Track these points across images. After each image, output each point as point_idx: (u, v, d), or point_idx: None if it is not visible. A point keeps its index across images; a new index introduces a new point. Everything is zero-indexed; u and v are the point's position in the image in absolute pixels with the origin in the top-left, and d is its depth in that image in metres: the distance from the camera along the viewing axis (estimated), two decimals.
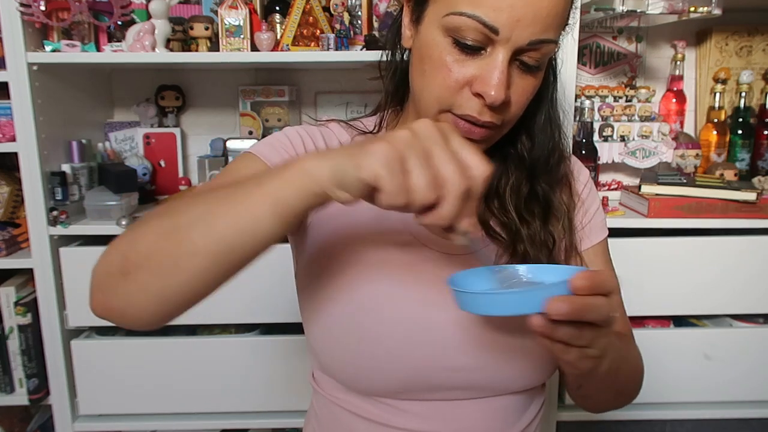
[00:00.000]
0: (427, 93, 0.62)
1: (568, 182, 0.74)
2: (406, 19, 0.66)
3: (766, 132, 1.45)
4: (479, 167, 0.47)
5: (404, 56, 0.72)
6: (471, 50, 0.58)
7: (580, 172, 0.77)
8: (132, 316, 0.53)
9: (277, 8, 1.37)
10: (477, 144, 0.63)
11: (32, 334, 1.34)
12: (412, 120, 0.70)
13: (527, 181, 0.71)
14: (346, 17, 1.33)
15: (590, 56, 1.56)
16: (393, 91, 0.74)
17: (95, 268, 0.54)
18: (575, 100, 1.29)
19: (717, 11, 1.26)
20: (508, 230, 0.69)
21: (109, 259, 0.53)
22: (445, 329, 0.65)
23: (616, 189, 1.51)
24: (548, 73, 0.68)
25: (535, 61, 0.59)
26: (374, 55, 1.26)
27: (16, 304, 1.33)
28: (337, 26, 1.32)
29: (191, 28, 1.33)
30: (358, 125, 0.75)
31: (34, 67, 1.23)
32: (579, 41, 1.23)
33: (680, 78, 1.50)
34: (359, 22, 1.39)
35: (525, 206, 0.70)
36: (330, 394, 0.72)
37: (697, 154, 1.44)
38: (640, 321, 1.38)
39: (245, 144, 1.42)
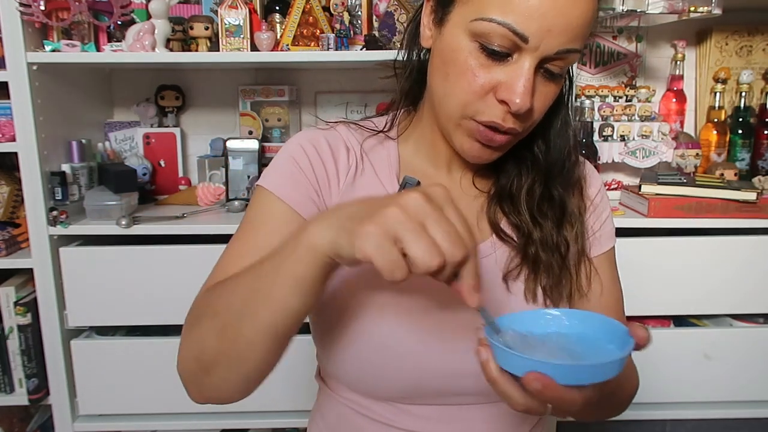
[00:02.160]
0: (451, 98, 0.61)
1: (580, 186, 0.73)
2: (426, 19, 0.65)
3: (766, 132, 1.45)
4: (469, 239, 0.46)
5: (421, 56, 0.70)
6: (497, 56, 0.57)
7: (593, 177, 0.77)
8: (227, 399, 0.59)
9: (277, 8, 1.37)
10: (497, 151, 0.63)
11: (32, 334, 1.34)
12: (428, 124, 0.70)
13: (541, 184, 0.70)
14: (346, 17, 1.33)
15: (590, 56, 1.56)
16: (407, 91, 0.72)
17: (179, 368, 0.60)
18: (575, 100, 1.29)
19: (717, 11, 1.26)
20: (520, 232, 0.69)
21: (186, 361, 0.59)
22: (452, 336, 0.65)
23: (616, 189, 1.51)
24: (565, 78, 0.68)
25: (559, 69, 0.59)
26: (374, 55, 1.27)
27: (16, 304, 1.33)
28: (337, 26, 1.32)
29: (191, 28, 1.33)
30: (368, 125, 0.73)
31: (34, 67, 1.23)
32: None
33: (680, 78, 1.50)
34: (359, 21, 1.39)
35: (538, 209, 0.70)
36: (337, 393, 0.72)
37: (697, 154, 1.44)
38: (640, 321, 1.38)
39: (245, 144, 1.42)
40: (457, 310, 0.65)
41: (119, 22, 1.32)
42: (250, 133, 1.54)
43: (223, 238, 1.24)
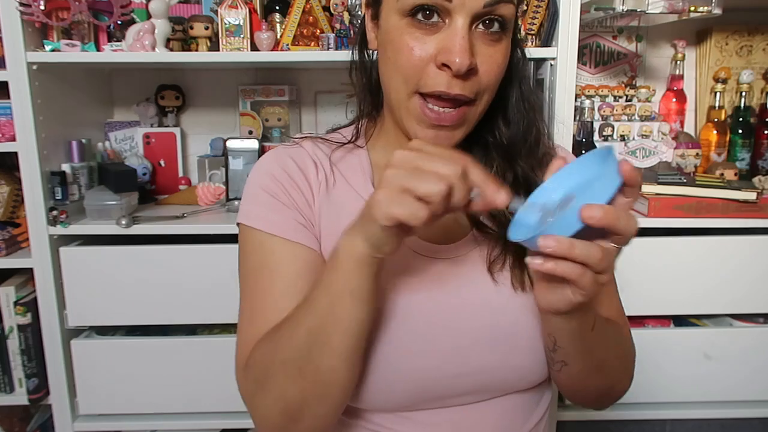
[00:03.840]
0: (394, 78, 0.62)
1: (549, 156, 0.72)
2: (369, 24, 0.67)
3: (766, 131, 1.45)
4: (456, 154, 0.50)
5: (373, 59, 0.71)
6: (429, 26, 0.58)
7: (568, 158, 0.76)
8: None
9: (277, 8, 1.37)
10: (454, 130, 0.63)
11: (32, 334, 1.34)
12: (390, 125, 0.70)
13: (511, 168, 0.70)
14: (346, 17, 1.33)
15: (590, 56, 1.56)
16: (369, 100, 0.73)
17: (258, 425, 0.61)
18: (575, 100, 1.29)
19: (717, 11, 1.26)
20: (497, 222, 0.68)
21: (270, 420, 0.59)
22: (450, 336, 0.65)
23: None
24: (514, 51, 0.68)
25: (496, 25, 0.59)
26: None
27: (16, 303, 1.33)
28: (337, 26, 1.32)
29: (191, 28, 1.33)
30: (336, 137, 0.73)
31: (34, 67, 1.23)
32: (579, 41, 1.23)
33: (680, 77, 1.50)
34: (359, 21, 1.39)
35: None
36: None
37: (697, 154, 1.44)
38: (640, 321, 1.38)
39: (245, 144, 1.42)
40: (456, 311, 0.66)
41: (119, 22, 1.32)
42: (250, 132, 1.54)
43: (223, 238, 1.26)
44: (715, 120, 1.49)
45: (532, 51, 1.28)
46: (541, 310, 0.58)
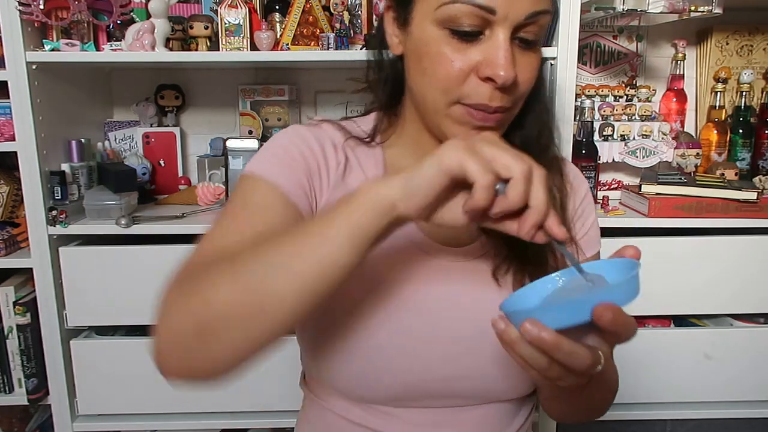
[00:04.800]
0: (432, 89, 0.60)
1: (560, 168, 0.72)
2: (390, 28, 0.66)
3: (766, 131, 1.45)
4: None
5: (393, 64, 0.70)
6: (470, 37, 0.57)
7: (579, 182, 0.76)
8: (215, 372, 0.52)
9: (277, 7, 1.37)
10: (493, 131, 0.62)
11: (31, 334, 1.34)
12: (411, 127, 0.69)
13: None
14: (346, 16, 1.33)
15: (590, 55, 1.56)
16: (386, 102, 0.73)
17: (160, 336, 0.52)
18: (575, 100, 1.28)
19: (717, 10, 1.26)
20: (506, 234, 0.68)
21: (178, 323, 0.50)
22: (447, 340, 0.65)
23: (616, 188, 1.50)
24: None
25: (533, 35, 0.59)
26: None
27: (16, 303, 1.33)
28: (337, 25, 1.32)
29: (191, 27, 1.33)
30: (353, 127, 0.73)
31: (34, 66, 1.23)
32: (579, 40, 1.23)
33: (681, 77, 1.50)
34: (359, 21, 1.38)
35: None
36: (323, 399, 0.71)
37: (698, 154, 1.44)
38: (640, 321, 1.38)
39: (245, 143, 1.42)
40: (452, 313, 0.65)
41: (119, 22, 1.32)
42: (250, 132, 1.54)
43: None
44: (716, 120, 1.49)
45: None
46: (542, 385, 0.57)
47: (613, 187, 1.51)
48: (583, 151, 1.36)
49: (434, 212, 0.50)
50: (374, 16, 1.39)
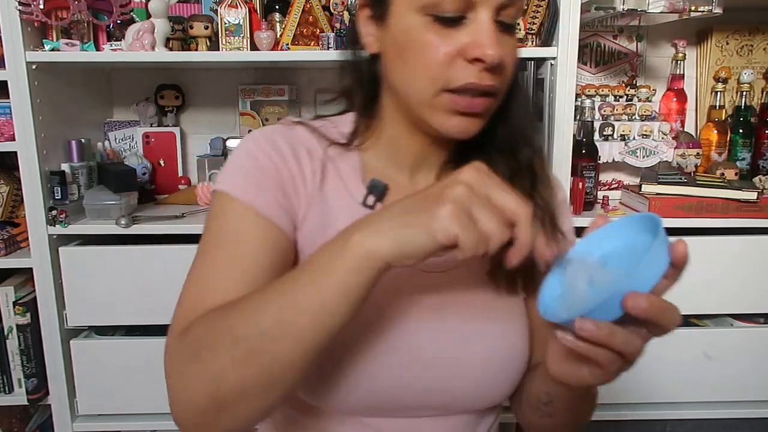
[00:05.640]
0: (418, 79, 0.59)
1: (543, 156, 0.72)
2: (364, 27, 0.65)
3: (766, 131, 1.44)
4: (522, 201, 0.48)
5: (369, 64, 0.68)
6: (453, 22, 0.57)
7: (558, 189, 0.75)
8: (242, 431, 0.54)
9: (277, 7, 1.37)
10: (479, 119, 0.62)
11: (31, 334, 1.34)
12: (391, 129, 0.68)
13: (507, 166, 0.68)
14: (346, 16, 1.33)
15: (591, 55, 1.56)
16: (364, 104, 0.70)
17: (177, 405, 0.54)
18: (575, 100, 1.28)
19: (717, 10, 1.26)
20: None
21: (192, 398, 0.52)
22: (413, 350, 0.64)
23: (616, 188, 1.50)
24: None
25: (512, 18, 0.59)
26: None
27: (15, 303, 1.33)
28: (337, 25, 1.32)
29: (191, 27, 1.33)
30: (328, 128, 0.70)
31: (34, 66, 1.23)
32: (579, 40, 1.23)
33: (681, 77, 1.50)
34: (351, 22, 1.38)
35: (511, 186, 0.69)
36: (289, 408, 0.70)
37: (698, 154, 1.44)
38: None
39: None
40: (419, 325, 0.64)
41: (119, 21, 1.32)
42: (250, 132, 1.54)
43: None
44: (716, 119, 1.49)
45: (532, 51, 1.28)
46: (550, 376, 0.55)
47: (613, 186, 1.51)
48: (583, 151, 1.36)
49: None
50: None
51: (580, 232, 0.74)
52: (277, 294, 0.50)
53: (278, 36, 1.32)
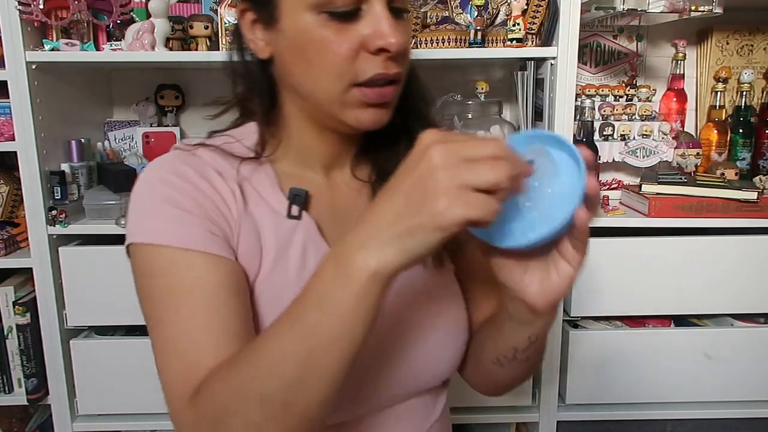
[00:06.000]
0: (324, 77, 0.58)
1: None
2: (250, 33, 0.63)
3: (766, 131, 1.44)
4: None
5: (262, 70, 0.66)
6: (348, 15, 0.57)
7: None
8: None
9: None
10: (389, 109, 0.62)
11: (31, 334, 1.34)
12: (297, 134, 0.66)
13: (409, 139, 0.67)
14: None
15: (590, 55, 1.56)
16: (266, 110, 0.68)
17: None
18: (575, 100, 1.28)
19: (718, 10, 1.26)
20: None
21: None
22: (371, 345, 0.63)
23: (616, 188, 1.50)
24: None
25: (402, 3, 0.60)
26: None
27: (15, 303, 1.33)
28: None
29: (191, 27, 1.32)
30: (233, 146, 0.65)
31: (33, 66, 1.23)
32: (579, 40, 1.23)
33: (681, 77, 1.50)
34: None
35: None
36: None
37: (698, 153, 1.44)
38: (640, 321, 1.38)
39: None
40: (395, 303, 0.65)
41: (118, 21, 1.32)
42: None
43: None
44: (716, 119, 1.49)
45: (532, 51, 1.28)
46: (538, 309, 0.54)
47: (613, 186, 1.51)
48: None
49: None
50: None
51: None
52: (292, 341, 0.47)
53: None
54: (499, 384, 0.72)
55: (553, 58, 1.25)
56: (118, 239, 1.29)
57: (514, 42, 1.27)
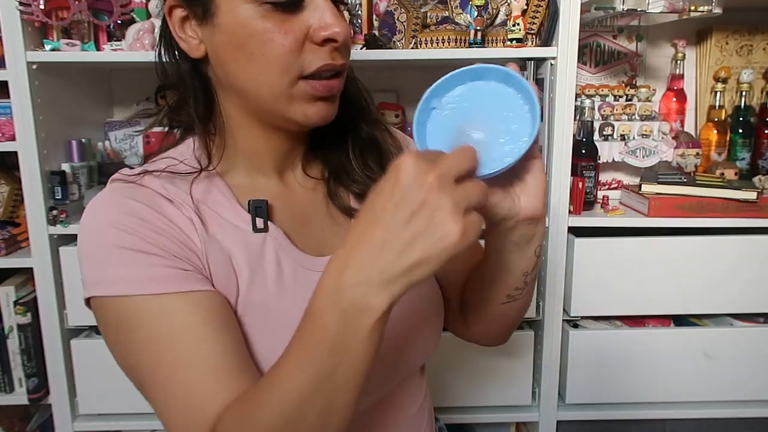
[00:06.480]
0: (269, 72, 0.56)
1: (384, 127, 0.72)
2: (181, 31, 0.59)
3: (766, 131, 1.45)
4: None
5: (194, 71, 0.63)
6: (291, 6, 0.55)
7: (411, 145, 0.75)
8: None
9: None
10: (336, 101, 0.61)
11: (32, 334, 1.34)
12: (241, 138, 0.63)
13: (355, 135, 0.69)
14: (346, 16, 1.33)
15: (590, 55, 1.56)
16: (204, 118, 0.64)
17: None
18: (575, 100, 1.28)
19: (717, 10, 1.26)
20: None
21: None
22: (398, 320, 0.64)
23: (616, 188, 1.51)
24: None
25: None
26: (374, 54, 1.27)
27: (16, 303, 1.33)
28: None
29: None
30: (179, 167, 0.61)
31: (34, 66, 1.23)
32: (579, 40, 1.23)
33: (680, 77, 1.50)
34: (359, 21, 1.38)
35: (364, 162, 0.69)
36: None
37: (698, 153, 1.44)
38: (640, 321, 1.38)
39: None
40: None
41: (119, 22, 1.32)
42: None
43: None
44: (716, 119, 1.49)
45: (532, 51, 1.28)
46: (539, 212, 0.55)
47: (613, 186, 1.51)
48: (583, 151, 1.36)
49: None
50: (374, 16, 1.39)
51: (578, 231, 0.75)
52: (310, 389, 0.46)
53: None
54: (508, 323, 0.71)
55: (553, 58, 1.25)
56: None
57: (514, 42, 1.27)
